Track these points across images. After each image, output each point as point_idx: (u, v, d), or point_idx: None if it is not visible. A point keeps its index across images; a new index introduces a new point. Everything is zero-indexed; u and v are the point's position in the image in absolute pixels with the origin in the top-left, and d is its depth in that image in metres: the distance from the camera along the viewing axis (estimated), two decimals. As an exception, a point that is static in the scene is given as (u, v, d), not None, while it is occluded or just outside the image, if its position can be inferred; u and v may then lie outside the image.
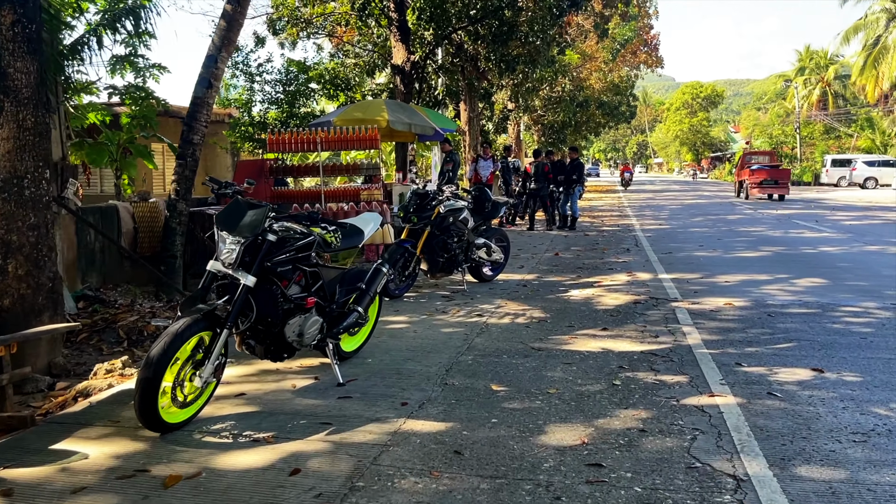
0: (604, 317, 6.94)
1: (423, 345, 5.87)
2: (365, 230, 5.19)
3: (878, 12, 48.75)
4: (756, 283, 8.72)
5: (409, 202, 7.99)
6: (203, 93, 9.49)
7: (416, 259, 8.01)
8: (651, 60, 45.13)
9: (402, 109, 12.40)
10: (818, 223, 17.22)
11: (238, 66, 15.67)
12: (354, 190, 10.42)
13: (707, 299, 7.73)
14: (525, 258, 11.46)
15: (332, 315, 4.86)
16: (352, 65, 18.41)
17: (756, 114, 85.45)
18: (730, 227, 16.92)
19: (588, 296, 8.08)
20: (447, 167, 14.03)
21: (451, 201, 8.13)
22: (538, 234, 15.46)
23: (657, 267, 10.28)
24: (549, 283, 9.08)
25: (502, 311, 7.23)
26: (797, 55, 67.68)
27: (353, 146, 10.22)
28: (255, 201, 4.29)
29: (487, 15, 15.47)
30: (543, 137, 39.29)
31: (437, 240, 8.03)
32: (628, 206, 25.89)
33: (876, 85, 48.85)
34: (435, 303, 7.74)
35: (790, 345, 5.74)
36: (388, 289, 7.76)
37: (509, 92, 24.36)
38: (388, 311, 7.23)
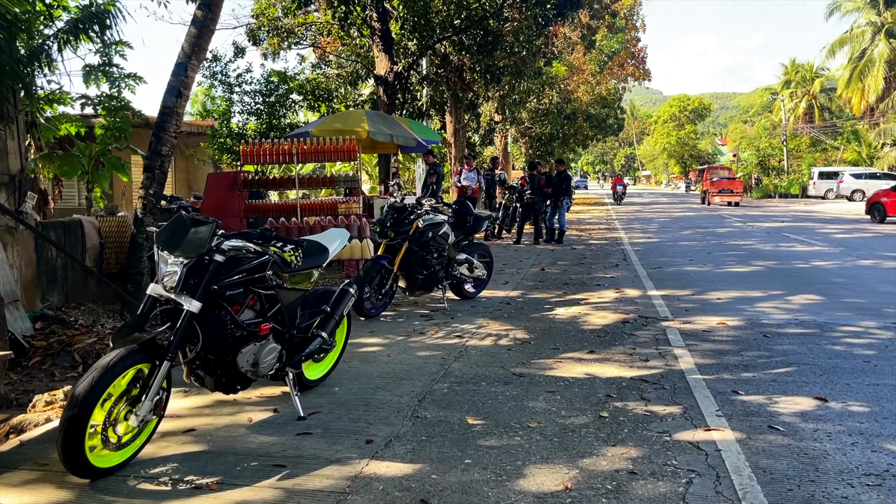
0: (590, 338, 6.54)
1: (397, 370, 5.45)
2: (330, 248, 4.78)
3: (864, 26, 49.04)
4: (749, 301, 8.36)
5: (386, 216, 7.59)
6: (172, 102, 9.07)
7: (394, 276, 7.60)
8: (638, 73, 45.13)
9: (383, 120, 12.03)
10: (809, 237, 16.96)
11: (217, 77, 15.26)
12: (332, 203, 10.02)
13: (699, 318, 7.35)
14: (510, 273, 11.07)
15: (292, 341, 4.44)
16: (334, 75, 18.04)
17: (743, 126, 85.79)
18: (719, 240, 16.62)
19: (574, 314, 7.69)
20: (431, 180, 13.65)
21: (431, 215, 7.74)
22: (524, 248, 15.09)
23: (646, 283, 9.91)
24: (534, 300, 8.69)
25: (483, 332, 6.82)
26: (783, 69, 68.07)
27: (330, 157, 9.82)
28: (202, 217, 3.87)
29: (472, 24, 15.16)
30: (531, 150, 39.07)
31: (415, 256, 7.62)
32: (616, 219, 25.61)
33: (862, 97, 49.08)
34: (413, 322, 7.32)
35: (789, 369, 5.36)
36: (364, 308, 7.36)
37: (496, 104, 24.06)
38: (363, 332, 6.81)
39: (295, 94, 15.76)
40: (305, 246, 4.55)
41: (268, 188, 10.04)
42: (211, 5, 9.01)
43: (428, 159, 13.99)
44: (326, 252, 4.73)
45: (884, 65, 46.29)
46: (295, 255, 4.32)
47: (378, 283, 7.51)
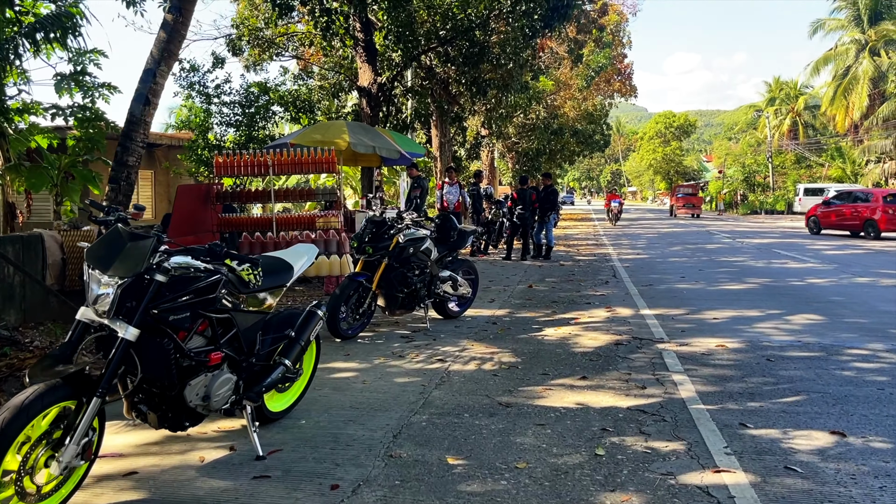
0: (582, 361, 6.09)
1: (371, 400, 4.96)
2: (295, 265, 4.31)
3: (848, 43, 49.37)
4: (747, 321, 7.95)
5: (364, 231, 7.13)
6: (140, 110, 8.62)
7: (372, 295, 7.13)
8: (625, 89, 45.07)
9: (364, 131, 11.59)
10: (800, 253, 16.65)
11: (194, 87, 14.79)
12: (310, 217, 9.55)
13: (696, 340, 6.92)
14: (496, 291, 10.62)
15: (251, 370, 3.96)
16: (317, 87, 17.62)
17: (727, 143, 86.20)
18: (710, 256, 16.27)
19: (564, 335, 7.24)
20: (414, 193, 13.21)
21: (412, 230, 7.29)
22: (511, 265, 14.66)
23: (638, 301, 9.49)
24: (522, 319, 8.24)
25: (467, 355, 6.35)
26: (767, 86, 68.52)
27: (308, 169, 9.37)
28: (141, 231, 3.38)
29: (458, 35, 14.81)
30: (518, 165, 38.79)
31: (395, 273, 7.16)
32: (604, 235, 25.27)
33: (846, 115, 49.33)
34: (392, 345, 6.84)
35: (799, 398, 4.93)
36: (340, 329, 6.88)
37: (482, 118, 23.72)
38: (338, 355, 6.33)
39: (276, 105, 15.31)
40: (266, 263, 4.08)
41: (242, 201, 9.58)
42: (182, 9, 8.58)
43: (412, 172, 13.56)
44: (290, 270, 4.26)
45: (868, 82, 46.54)
46: (253, 273, 3.84)
47: (355, 303, 7.03)
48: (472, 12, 14.43)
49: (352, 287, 6.93)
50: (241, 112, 14.94)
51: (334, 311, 6.77)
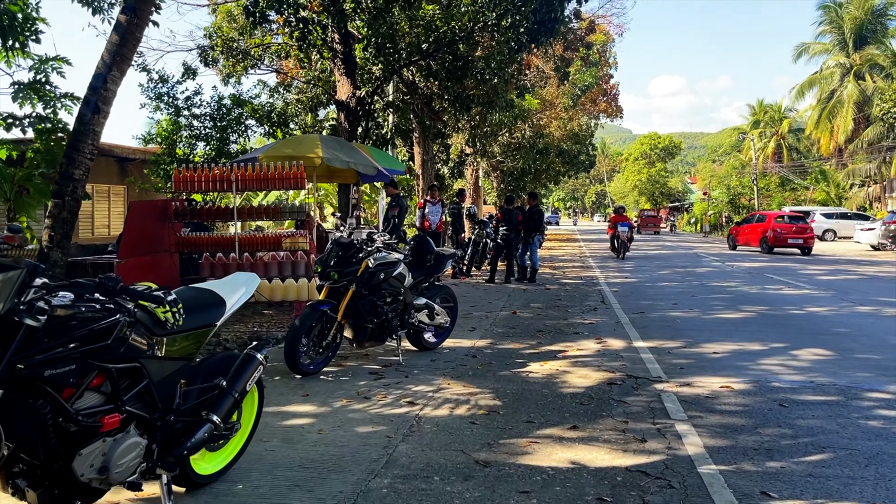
0: (571, 406, 5.38)
1: (326, 456, 4.21)
2: (229, 299, 3.57)
3: (833, 67, 49.55)
4: (750, 356, 7.28)
5: (329, 254, 6.40)
6: (88, 118, 7.87)
7: (338, 326, 6.39)
8: (611, 109, 44.82)
9: (339, 146, 10.90)
10: (793, 278, 16.09)
11: (162, 99, 14.05)
12: (276, 237, 8.81)
13: (697, 379, 6.23)
14: (478, 318, 9.91)
15: (169, 430, 3.21)
16: (294, 100, 16.93)
17: (711, 166, 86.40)
18: (701, 281, 15.67)
19: (551, 372, 6.52)
20: (392, 212, 12.49)
21: (383, 253, 6.57)
22: (495, 288, 13.95)
23: (630, 331, 8.81)
24: (504, 352, 7.52)
25: (442, 397, 5.61)
26: (750, 109, 68.83)
27: (275, 185, 8.64)
28: (7, 261, 2.64)
29: (441, 48, 14.19)
30: (503, 184, 38.27)
31: (364, 301, 6.43)
32: (590, 257, 24.67)
33: (831, 138, 49.38)
34: (358, 382, 6.09)
35: (825, 457, 4.24)
36: (301, 364, 6.13)
37: (466, 135, 23.14)
38: (295, 396, 5.58)
39: (251, 118, 14.60)
40: (190, 297, 3.35)
41: (203, 218, 8.85)
42: (136, 9, 7.86)
43: (389, 190, 12.86)
44: (222, 305, 3.52)
45: (853, 106, 46.62)
46: (172, 311, 3.10)
47: (318, 334, 6.29)
48: (456, 25, 13.82)
49: (314, 317, 6.19)
50: (213, 125, 14.20)
51: (293, 344, 6.03)
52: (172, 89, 14.19)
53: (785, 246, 26.55)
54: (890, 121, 41.07)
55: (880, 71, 46.51)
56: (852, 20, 47.93)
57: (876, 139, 45.11)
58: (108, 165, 18.86)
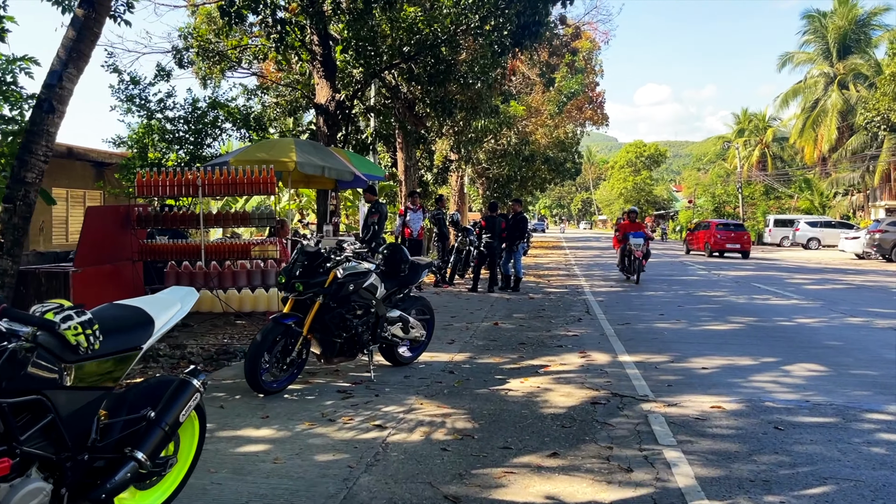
0: (552, 429, 4.99)
1: (279, 491, 3.80)
2: (158, 318, 3.15)
3: (817, 76, 49.72)
4: (741, 371, 6.93)
5: (293, 264, 5.99)
6: (41, 118, 7.40)
7: (304, 340, 5.96)
8: (597, 117, 44.67)
9: (315, 150, 10.49)
10: (781, 288, 15.83)
11: (134, 101, 13.58)
12: (244, 245, 8.38)
13: (686, 398, 5.86)
14: (458, 329, 9.51)
15: (85, 470, 2.78)
16: (273, 104, 16.49)
17: (696, 174, 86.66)
18: (687, 290, 15.36)
19: (531, 390, 6.13)
20: (372, 219, 12.09)
21: (353, 263, 6.16)
22: (477, 297, 13.56)
23: (615, 344, 8.44)
24: (483, 367, 7.12)
25: (413, 418, 5.21)
26: (735, 118, 69.03)
27: (243, 190, 8.22)
28: None
29: (423, 51, 13.84)
30: (489, 191, 37.96)
31: (332, 314, 6.01)
32: (576, 265, 24.35)
33: (815, 147, 49.49)
34: (324, 402, 5.67)
35: (827, 489, 3.87)
36: (263, 383, 5.70)
37: (451, 141, 22.79)
38: (253, 417, 5.15)
39: (227, 122, 14.15)
40: (110, 317, 2.92)
41: (167, 225, 8.40)
42: (94, 3, 7.42)
43: (368, 197, 12.46)
44: (150, 325, 3.10)
45: (837, 115, 46.76)
46: (85, 333, 2.68)
47: (282, 350, 5.86)
48: (438, 27, 13.48)
49: (277, 331, 5.77)
50: (187, 128, 13.74)
51: (254, 360, 5.60)
52: (144, 91, 13.72)
53: (724, 250, 29.69)
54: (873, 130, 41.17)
55: (864, 80, 46.67)
56: (836, 30, 48.11)
57: (860, 148, 45.26)
58: (83, 170, 18.32)
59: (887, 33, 44.69)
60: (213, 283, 8.34)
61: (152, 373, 7.11)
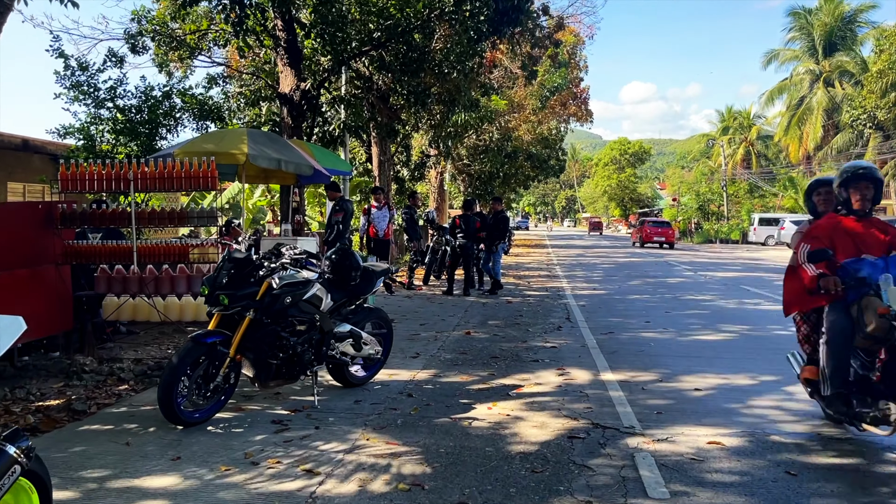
0: (520, 475, 4.13)
1: (156, 577, 2.91)
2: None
3: (803, 74, 49.34)
4: (739, 394, 6.12)
5: (219, 272, 5.08)
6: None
7: (232, 362, 5.06)
8: (581, 113, 43.97)
9: (270, 142, 9.57)
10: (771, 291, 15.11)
11: (81, 88, 12.56)
12: (181, 248, 7.45)
13: (678, 430, 5.03)
14: (425, 340, 8.64)
15: None
16: (236, 94, 15.53)
17: (680, 172, 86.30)
18: (673, 293, 14.59)
19: (500, 419, 5.28)
20: (336, 217, 11.18)
21: (291, 271, 5.26)
22: (452, 301, 12.69)
23: (597, 358, 7.61)
24: (448, 387, 6.26)
25: (354, 460, 4.33)
26: (720, 116, 68.70)
27: (180, 185, 7.29)
28: None
29: (394, 37, 12.93)
30: (470, 188, 37.11)
31: (265, 331, 5.12)
32: (557, 265, 23.57)
33: (800, 145, 49.16)
34: (253, 437, 4.78)
35: (864, 570, 3.04)
36: (180, 413, 4.81)
37: (429, 135, 21.88)
38: (162, 459, 4.26)
39: (183, 111, 13.16)
40: None
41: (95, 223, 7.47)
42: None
43: (331, 194, 11.54)
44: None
45: (822, 113, 46.40)
46: None
47: (204, 374, 4.96)
48: (411, 12, 12.58)
49: (197, 353, 4.87)
50: (140, 119, 12.74)
51: (168, 388, 4.71)
52: (93, 78, 12.70)
53: (652, 242, 38.17)
54: (859, 128, 40.81)
55: (850, 78, 46.36)
56: (822, 27, 47.75)
57: (845, 146, 44.93)
58: (42, 163, 17.24)
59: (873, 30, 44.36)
60: (149, 290, 7.41)
61: (72, 393, 6.20)
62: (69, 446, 4.58)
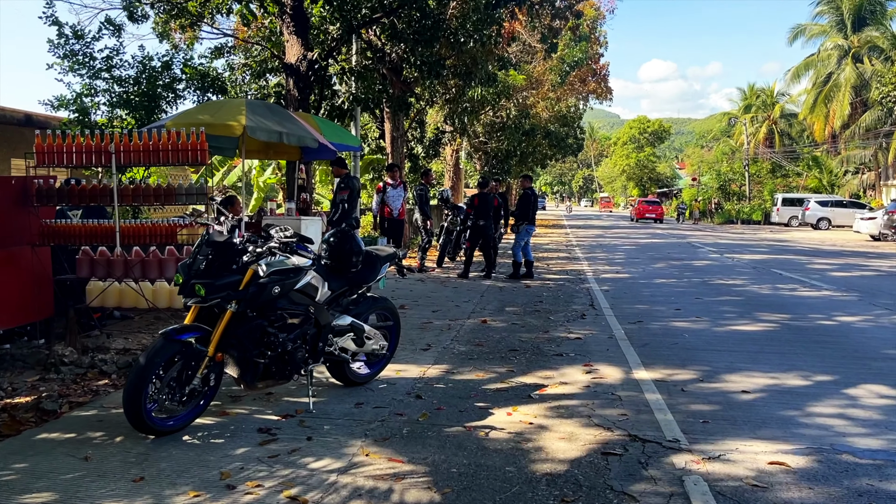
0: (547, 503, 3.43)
1: None
2: None
3: (830, 49, 47.67)
4: (794, 398, 5.36)
5: (195, 258, 4.38)
6: None
7: (211, 362, 4.38)
8: (600, 90, 42.84)
9: (270, 113, 8.83)
10: (804, 275, 14.25)
11: (76, 57, 11.85)
12: (168, 228, 6.76)
13: (731, 444, 4.29)
14: (437, 329, 7.94)
15: None
16: (241, 65, 14.78)
17: (700, 151, 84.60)
18: (702, 277, 13.77)
19: (521, 428, 4.57)
20: (341, 196, 10.46)
21: (280, 256, 4.55)
22: (467, 286, 11.97)
23: (627, 352, 6.87)
24: (461, 387, 5.55)
25: (349, 483, 3.64)
26: (741, 94, 66.98)
27: (167, 159, 6.58)
28: None
29: (406, 4, 12.10)
30: (486, 167, 36.23)
31: (249, 326, 4.42)
32: (577, 246, 22.76)
33: (826, 123, 47.62)
34: (233, 451, 4.10)
35: None
36: (152, 420, 4.16)
37: (444, 110, 21.03)
38: (122, 480, 3.60)
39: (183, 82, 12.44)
40: None
41: (74, 200, 6.81)
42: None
43: (337, 170, 10.79)
44: None
45: (850, 90, 44.83)
46: None
47: (179, 376, 4.28)
48: (424, -24, 11.75)
49: (169, 351, 4.18)
50: (138, 90, 12.02)
51: (135, 392, 4.04)
52: (89, 47, 11.98)
53: (644, 219, 47.84)
54: (889, 105, 39.31)
55: (879, 53, 44.68)
56: (851, 1, 46.01)
57: (873, 124, 43.41)
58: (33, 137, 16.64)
59: (906, 4, 42.62)
60: (134, 274, 6.76)
61: (45, 389, 5.58)
62: (18, 460, 3.93)
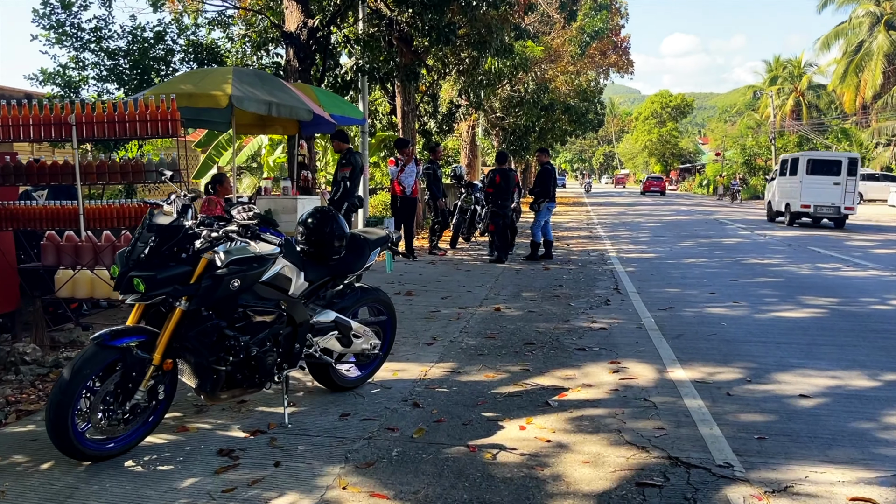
0: (570, 565, 2.63)
1: None
2: None
3: (862, 16, 45.79)
4: (863, 403, 4.50)
5: (135, 245, 3.59)
6: None
7: (158, 372, 3.61)
8: (622, 63, 41.49)
9: (259, 82, 8.02)
10: (844, 252, 13.26)
11: (63, 27, 11.13)
12: (139, 209, 6.02)
13: (797, 470, 3.46)
14: (445, 318, 7.15)
15: None
16: (241, 36, 13.96)
17: (723, 126, 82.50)
18: (734, 256, 12.83)
19: (536, 448, 3.76)
20: (342, 173, 9.65)
21: (241, 242, 3.74)
22: (480, 269, 11.14)
23: (660, 346, 6.03)
24: (467, 391, 4.76)
25: (317, 531, 2.87)
26: (766, 66, 64.97)
27: (134, 131, 5.82)
28: None
29: (413, -36, 11.19)
30: (504, 143, 35.19)
31: (204, 328, 3.63)
32: (598, 224, 21.81)
33: (857, 93, 45.93)
34: (182, 480, 3.34)
35: None
36: (84, 445, 3.39)
37: (458, 84, 20.07)
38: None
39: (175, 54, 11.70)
40: None
41: (34, 180, 6.08)
42: None
43: (338, 145, 9.96)
44: None
45: (882, 58, 43.08)
46: None
47: (117, 390, 3.51)
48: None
49: (104, 360, 3.42)
50: (129, 63, 11.29)
51: (60, 411, 3.28)
52: (76, 17, 11.24)
53: (650, 192, 53.94)
54: (925, 74, 37.64)
55: (914, 20, 42.85)
56: (884, -36, 44.10)
57: (907, 94, 41.72)
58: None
59: (944, -34, 40.69)
60: (104, 261, 6.03)
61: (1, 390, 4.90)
62: (-84, 497, 3.20)
